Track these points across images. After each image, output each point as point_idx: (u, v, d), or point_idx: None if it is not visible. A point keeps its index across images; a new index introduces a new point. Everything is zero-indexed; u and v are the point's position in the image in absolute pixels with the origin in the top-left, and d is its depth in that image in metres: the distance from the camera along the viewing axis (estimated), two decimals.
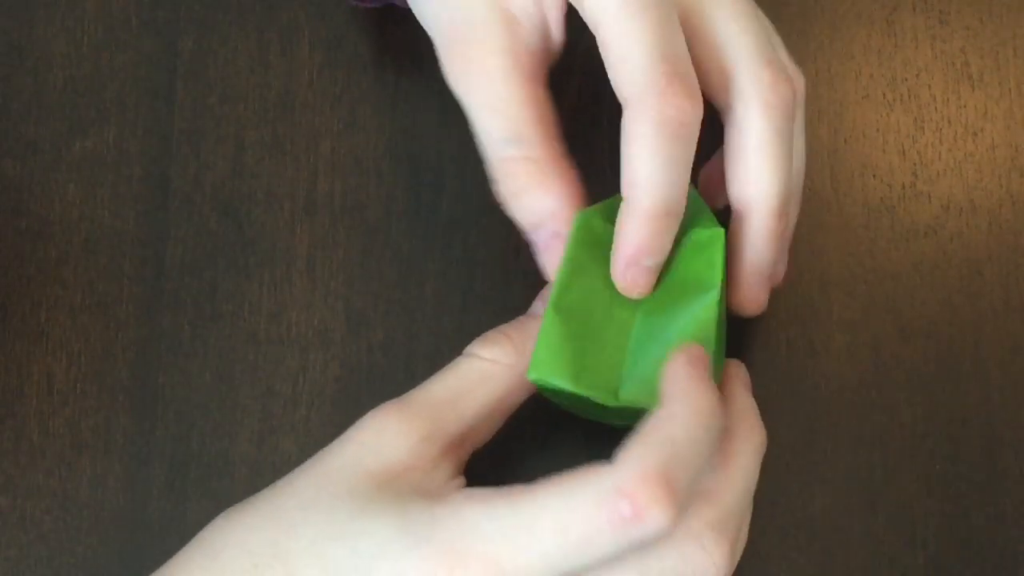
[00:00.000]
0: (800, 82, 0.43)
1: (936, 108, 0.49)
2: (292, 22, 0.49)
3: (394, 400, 0.40)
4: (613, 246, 0.41)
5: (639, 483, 0.33)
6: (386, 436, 0.38)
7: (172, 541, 0.45)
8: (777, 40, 0.43)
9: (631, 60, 0.39)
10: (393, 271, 0.47)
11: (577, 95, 0.49)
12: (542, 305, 0.43)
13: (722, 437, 0.38)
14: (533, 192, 0.41)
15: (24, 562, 0.44)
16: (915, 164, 0.49)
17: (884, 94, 0.49)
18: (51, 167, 0.48)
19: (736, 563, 0.39)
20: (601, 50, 0.40)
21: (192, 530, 0.39)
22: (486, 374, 0.40)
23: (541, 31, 0.42)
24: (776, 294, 0.47)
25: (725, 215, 0.43)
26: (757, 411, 0.41)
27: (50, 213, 0.47)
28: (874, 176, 0.48)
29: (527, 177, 0.41)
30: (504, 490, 0.35)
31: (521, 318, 0.42)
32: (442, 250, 0.47)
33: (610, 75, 0.40)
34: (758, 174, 0.41)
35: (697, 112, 0.39)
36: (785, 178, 0.41)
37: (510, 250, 0.47)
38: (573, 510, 0.34)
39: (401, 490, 0.37)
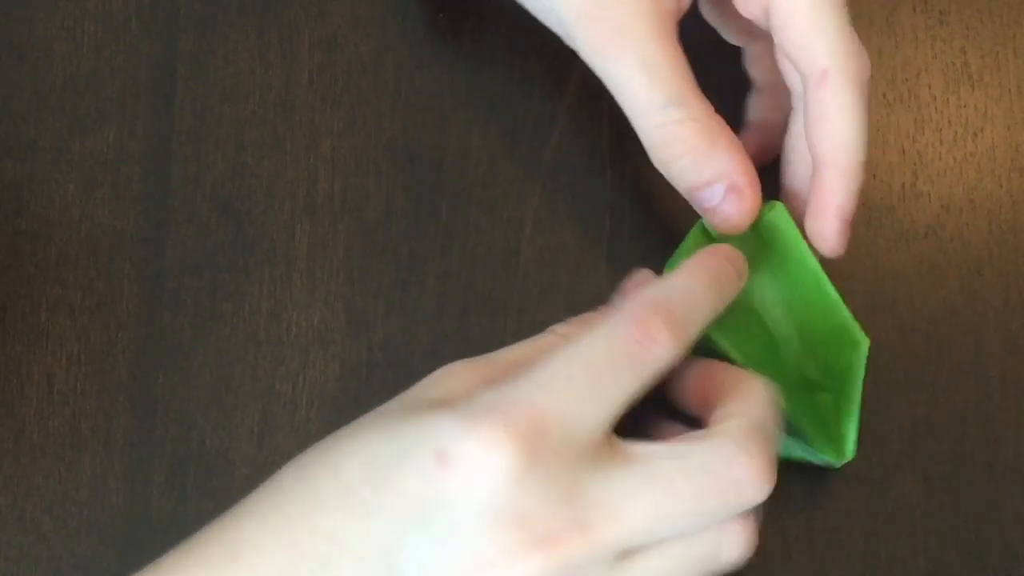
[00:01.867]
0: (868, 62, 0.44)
1: (936, 108, 0.49)
2: (292, 22, 0.49)
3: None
4: (818, 213, 0.42)
5: (645, 310, 0.37)
6: (449, 377, 0.39)
7: (172, 541, 0.45)
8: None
9: (828, 32, 0.41)
10: (393, 271, 0.47)
11: (576, 96, 0.49)
12: (620, 298, 0.43)
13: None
14: (703, 152, 0.42)
15: (24, 562, 0.44)
16: (915, 164, 0.49)
17: (884, 94, 0.49)
18: (51, 167, 0.48)
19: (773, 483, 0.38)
20: (783, 24, 0.41)
21: (192, 530, 0.39)
22: (556, 345, 0.41)
23: None
24: None
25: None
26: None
27: (50, 213, 0.47)
28: (874, 176, 0.48)
29: (695, 138, 0.41)
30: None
31: (605, 307, 0.43)
32: (442, 250, 0.47)
33: (796, 48, 0.41)
34: (848, 133, 0.42)
35: None
36: (866, 137, 0.42)
37: (510, 250, 0.47)
38: (592, 346, 0.36)
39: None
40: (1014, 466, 0.46)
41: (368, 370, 0.46)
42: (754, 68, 0.47)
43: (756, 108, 0.47)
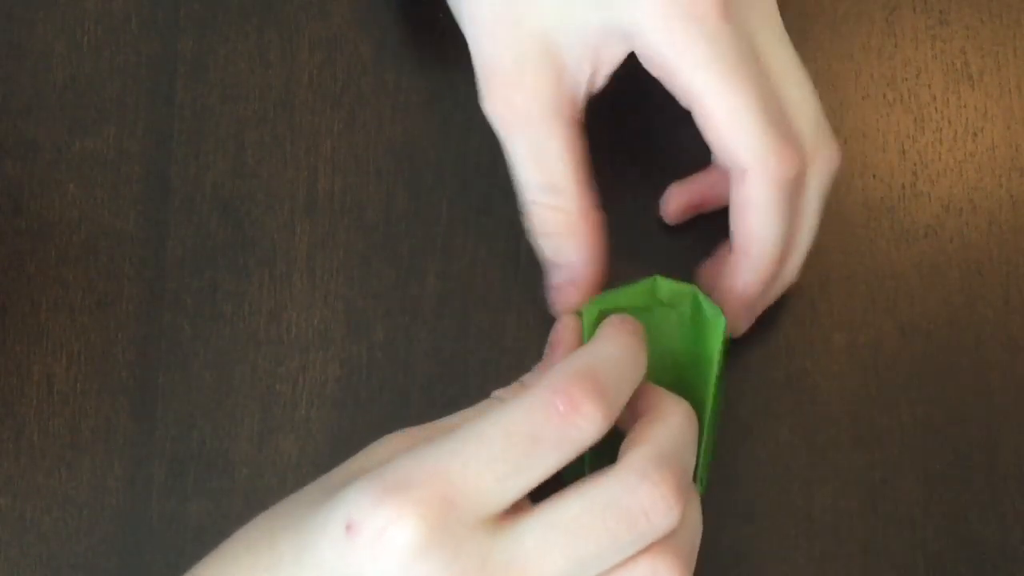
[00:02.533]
0: (834, 158, 0.43)
1: (936, 108, 0.49)
2: (292, 22, 0.49)
3: None
4: (721, 293, 0.43)
5: (570, 381, 0.36)
6: (384, 446, 0.39)
7: (172, 541, 0.45)
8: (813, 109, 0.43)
9: (746, 129, 0.40)
10: (393, 271, 0.47)
11: None
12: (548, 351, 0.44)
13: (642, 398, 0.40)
14: (561, 239, 0.43)
15: (24, 562, 0.44)
16: (915, 164, 0.49)
17: (884, 94, 0.49)
18: (51, 167, 0.48)
19: (695, 526, 0.38)
20: (704, 120, 0.41)
21: (192, 530, 0.39)
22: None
23: (588, 81, 0.42)
24: None
25: None
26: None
27: (50, 213, 0.47)
28: (874, 176, 0.48)
29: (557, 225, 0.43)
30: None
31: (538, 366, 0.43)
32: (442, 250, 0.47)
33: (719, 144, 0.41)
34: (762, 230, 0.42)
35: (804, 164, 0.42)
36: (782, 232, 0.42)
37: (510, 250, 0.47)
38: (513, 415, 0.36)
39: None
40: (1014, 466, 0.46)
41: (368, 370, 0.46)
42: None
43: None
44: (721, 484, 0.45)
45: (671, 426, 0.38)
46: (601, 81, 0.43)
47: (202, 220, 0.47)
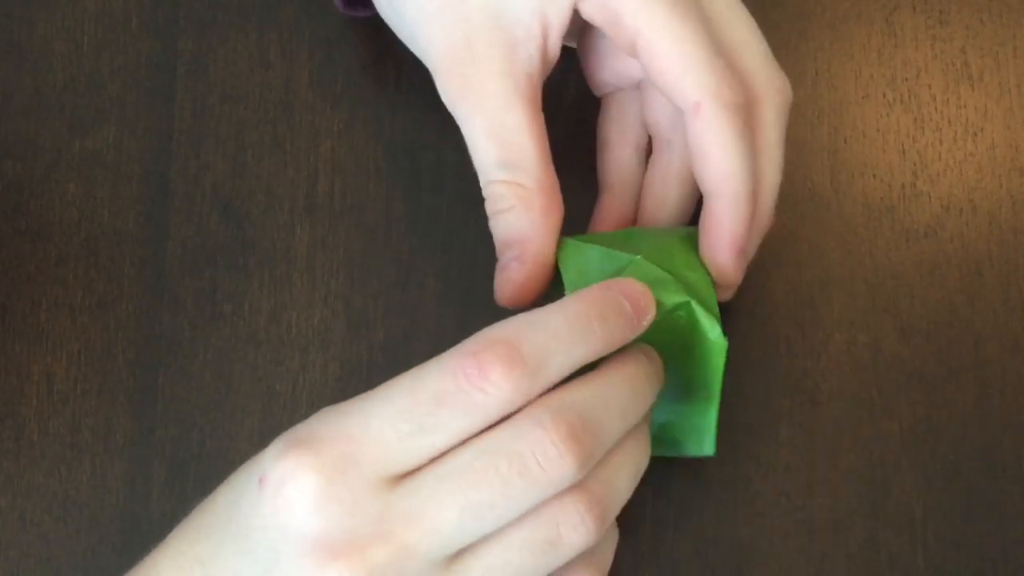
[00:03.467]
0: (785, 89, 0.43)
1: (936, 108, 0.49)
2: (292, 22, 0.49)
3: None
4: (710, 243, 0.42)
5: (484, 346, 0.35)
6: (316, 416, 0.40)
7: None
8: (757, 47, 0.43)
9: (693, 62, 0.40)
10: (393, 271, 0.47)
11: (575, 95, 0.48)
12: None
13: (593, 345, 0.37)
14: (515, 213, 0.42)
15: (24, 562, 0.44)
16: (915, 164, 0.49)
17: (884, 94, 0.49)
18: (51, 167, 0.48)
19: (608, 490, 0.37)
20: (650, 61, 0.41)
21: None
22: None
23: (541, 52, 0.42)
24: (776, 294, 0.47)
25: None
26: (644, 354, 0.40)
27: (50, 213, 0.47)
28: (874, 176, 0.48)
29: (512, 199, 0.42)
30: None
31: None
32: (442, 250, 0.47)
33: (667, 83, 0.41)
34: (730, 162, 0.41)
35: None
36: (749, 164, 0.41)
37: None
38: (423, 377, 0.35)
39: None
40: (1014, 466, 0.46)
41: (368, 370, 0.46)
42: (609, 124, 0.46)
43: (612, 168, 0.46)
44: (721, 484, 0.45)
45: (595, 384, 0.37)
46: (553, 51, 0.42)
47: (202, 220, 0.47)
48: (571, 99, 0.49)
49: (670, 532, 0.45)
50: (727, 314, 0.45)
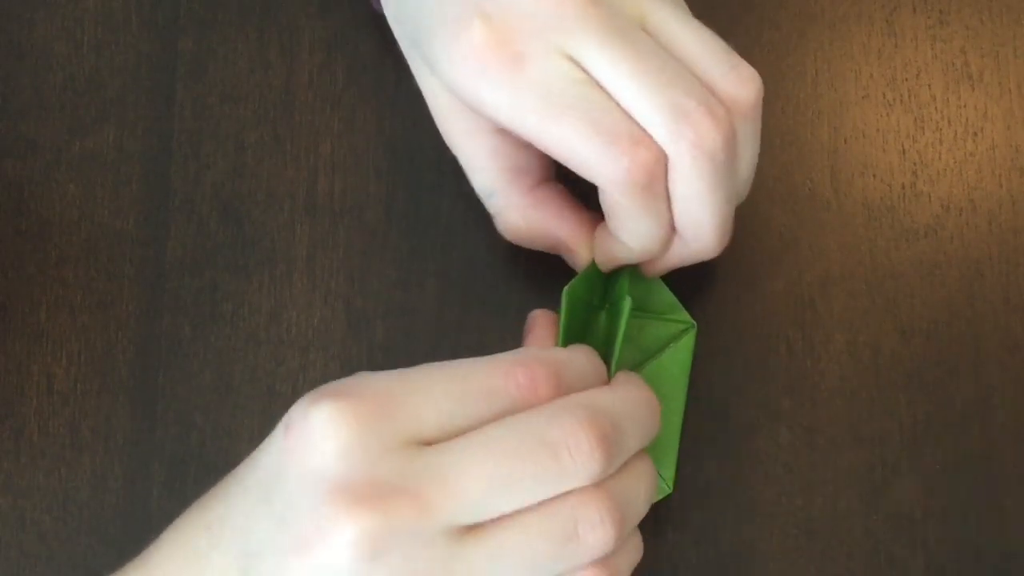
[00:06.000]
0: (755, 84, 0.40)
1: (936, 108, 0.49)
2: (292, 22, 0.49)
3: None
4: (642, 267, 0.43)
5: (538, 363, 0.37)
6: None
7: None
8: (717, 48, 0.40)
9: (595, 159, 0.39)
10: (393, 271, 0.47)
11: None
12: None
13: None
14: (526, 229, 0.44)
15: (24, 562, 0.44)
16: (915, 164, 0.49)
17: (884, 94, 0.49)
18: (51, 167, 0.48)
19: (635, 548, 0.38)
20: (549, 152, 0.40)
21: None
22: None
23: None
24: (776, 294, 0.47)
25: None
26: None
27: (50, 213, 0.47)
28: (874, 176, 0.48)
29: (513, 219, 0.44)
30: None
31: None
32: (442, 250, 0.47)
33: (575, 167, 0.40)
34: (629, 235, 0.41)
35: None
36: (655, 233, 0.41)
37: (510, 250, 0.47)
38: (476, 368, 0.37)
39: None
40: (1014, 466, 0.46)
41: (368, 370, 0.46)
42: None
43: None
44: (721, 484, 0.45)
45: (620, 397, 0.38)
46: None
47: (202, 220, 0.47)
48: None
49: (670, 532, 0.45)
50: (727, 314, 0.45)
